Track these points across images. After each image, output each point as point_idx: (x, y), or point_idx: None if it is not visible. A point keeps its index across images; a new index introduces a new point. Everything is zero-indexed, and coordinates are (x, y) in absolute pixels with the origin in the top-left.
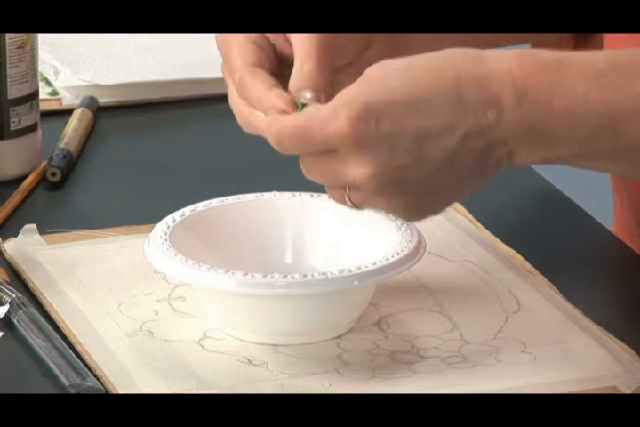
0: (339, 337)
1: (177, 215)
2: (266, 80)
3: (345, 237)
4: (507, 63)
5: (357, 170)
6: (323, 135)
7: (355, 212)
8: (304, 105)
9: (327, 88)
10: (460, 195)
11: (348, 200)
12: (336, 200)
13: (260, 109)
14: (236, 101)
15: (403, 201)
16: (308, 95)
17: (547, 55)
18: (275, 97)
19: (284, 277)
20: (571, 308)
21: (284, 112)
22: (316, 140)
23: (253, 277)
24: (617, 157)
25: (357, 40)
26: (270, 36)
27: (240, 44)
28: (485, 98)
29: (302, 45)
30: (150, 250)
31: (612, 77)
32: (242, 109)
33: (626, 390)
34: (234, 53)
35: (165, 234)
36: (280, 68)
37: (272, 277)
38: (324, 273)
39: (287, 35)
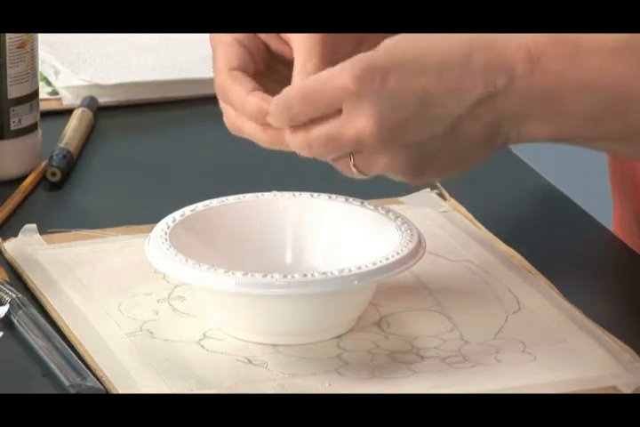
0: (339, 337)
1: (177, 215)
2: (246, 84)
3: (345, 237)
4: (522, 38)
5: (360, 123)
6: (328, 92)
7: (355, 211)
8: None
9: None
10: (461, 165)
11: (353, 167)
12: (342, 170)
13: (242, 114)
14: (222, 104)
15: (404, 160)
16: None
17: (565, 34)
18: (258, 100)
19: (284, 276)
20: (571, 308)
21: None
22: (323, 99)
23: (253, 276)
24: (625, 138)
25: (351, 38)
26: (264, 35)
27: (225, 45)
28: (497, 64)
29: (303, 44)
30: (150, 250)
31: (627, 55)
32: (229, 113)
33: (626, 389)
34: (217, 56)
35: (165, 234)
36: (272, 65)
37: (272, 276)
38: (324, 273)
39: (283, 34)
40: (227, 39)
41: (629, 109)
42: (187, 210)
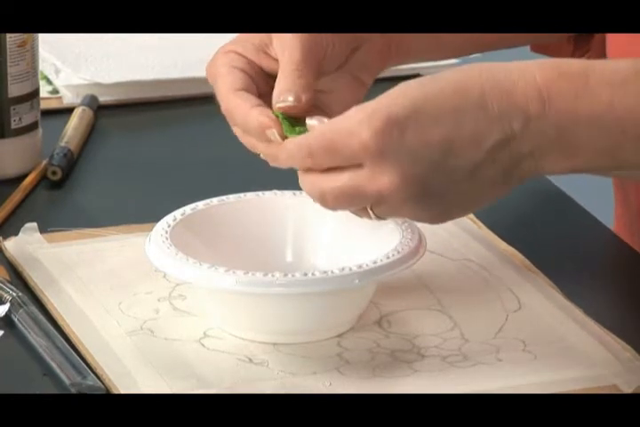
0: (339, 336)
1: (178, 214)
2: (250, 100)
3: (345, 236)
4: (531, 73)
5: (383, 181)
6: (349, 147)
7: (354, 216)
8: (285, 118)
9: (309, 91)
10: (481, 204)
11: (371, 213)
12: (359, 214)
13: (248, 131)
14: (233, 127)
15: (426, 210)
16: (290, 98)
17: (570, 63)
18: (256, 114)
19: (285, 275)
20: (571, 307)
21: (268, 127)
22: (344, 152)
23: (254, 275)
24: None
25: (345, 42)
26: (254, 59)
27: (225, 72)
28: (510, 108)
29: (284, 54)
30: (151, 249)
31: (636, 85)
32: (239, 134)
33: (626, 389)
34: (220, 82)
35: (166, 233)
36: (272, 89)
37: (273, 275)
38: (325, 272)
39: (269, 52)
40: (224, 69)
41: None
42: (187, 209)
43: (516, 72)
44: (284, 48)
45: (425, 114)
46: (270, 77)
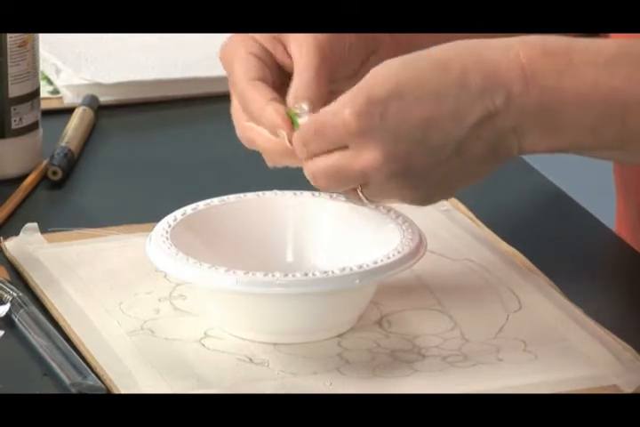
0: (340, 336)
1: (178, 214)
2: (266, 93)
3: (346, 236)
4: (514, 51)
5: (366, 158)
6: (332, 129)
7: (356, 210)
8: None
9: (324, 99)
10: (470, 181)
11: (361, 195)
12: (352, 199)
13: (259, 124)
14: (237, 116)
15: (412, 189)
16: (305, 106)
17: (553, 40)
18: (271, 112)
19: (285, 275)
20: (572, 307)
21: (280, 127)
22: (329, 134)
23: (254, 275)
24: (621, 146)
25: (360, 47)
26: (270, 47)
27: (242, 58)
28: (493, 85)
29: (301, 55)
30: (151, 249)
31: (622, 67)
32: (243, 125)
33: (627, 388)
34: (236, 68)
35: (167, 233)
36: (282, 80)
37: (273, 275)
38: (325, 272)
39: (286, 45)
40: (242, 54)
41: (625, 119)
42: (188, 209)
43: (499, 49)
44: (302, 49)
45: (406, 93)
46: (282, 70)
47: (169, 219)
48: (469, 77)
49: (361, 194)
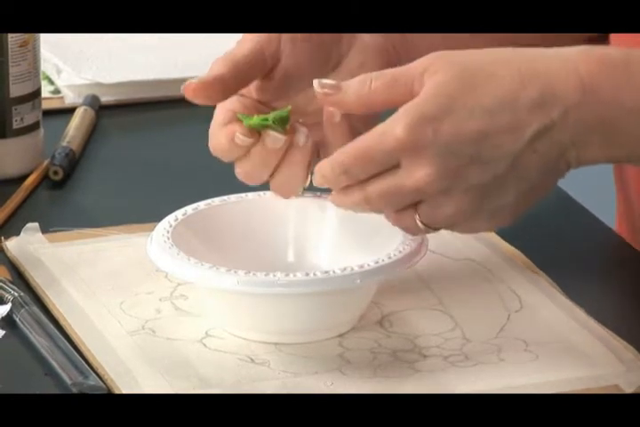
0: (341, 336)
1: (179, 214)
2: (220, 122)
3: (347, 236)
4: (572, 62)
5: (419, 174)
6: (384, 148)
7: (355, 214)
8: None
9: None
10: (532, 197)
11: (418, 221)
12: (407, 225)
13: (224, 155)
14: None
15: (470, 204)
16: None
17: (612, 51)
18: (223, 130)
19: (286, 275)
20: (573, 306)
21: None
22: (380, 155)
23: (255, 275)
24: None
25: (337, 41)
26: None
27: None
28: (550, 97)
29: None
30: (152, 249)
31: None
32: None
33: (628, 388)
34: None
35: (167, 233)
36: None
37: (274, 275)
38: (326, 272)
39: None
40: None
41: None
42: (189, 209)
43: (556, 60)
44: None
45: (459, 108)
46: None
47: (170, 219)
48: (525, 90)
49: (417, 217)
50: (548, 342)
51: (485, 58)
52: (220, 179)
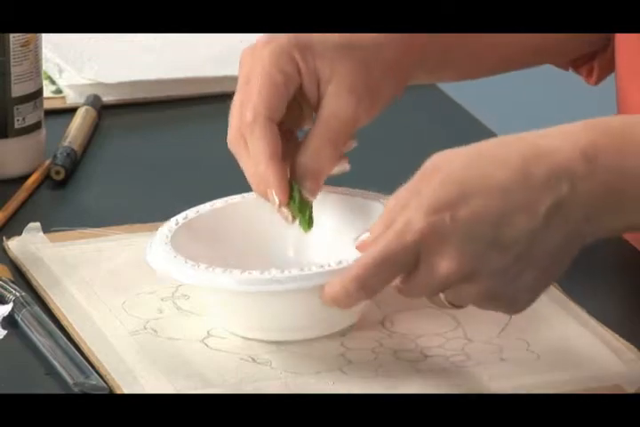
0: (342, 336)
1: (180, 217)
2: (280, 175)
3: (347, 236)
4: (574, 136)
5: (444, 266)
6: (405, 249)
7: (357, 209)
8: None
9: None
10: (551, 275)
11: (444, 300)
12: (433, 302)
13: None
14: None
15: (493, 286)
16: (307, 185)
17: (611, 121)
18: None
19: (281, 272)
20: (574, 306)
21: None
22: (400, 256)
23: (250, 274)
24: None
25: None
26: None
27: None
28: (557, 172)
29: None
30: (150, 252)
31: None
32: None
33: (629, 388)
34: (255, 142)
35: (167, 238)
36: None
37: (269, 273)
38: (322, 266)
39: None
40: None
41: None
42: (190, 212)
43: (558, 136)
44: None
45: (473, 192)
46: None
47: (171, 222)
48: (532, 168)
49: (444, 299)
50: (549, 341)
51: (485, 145)
52: (221, 178)
